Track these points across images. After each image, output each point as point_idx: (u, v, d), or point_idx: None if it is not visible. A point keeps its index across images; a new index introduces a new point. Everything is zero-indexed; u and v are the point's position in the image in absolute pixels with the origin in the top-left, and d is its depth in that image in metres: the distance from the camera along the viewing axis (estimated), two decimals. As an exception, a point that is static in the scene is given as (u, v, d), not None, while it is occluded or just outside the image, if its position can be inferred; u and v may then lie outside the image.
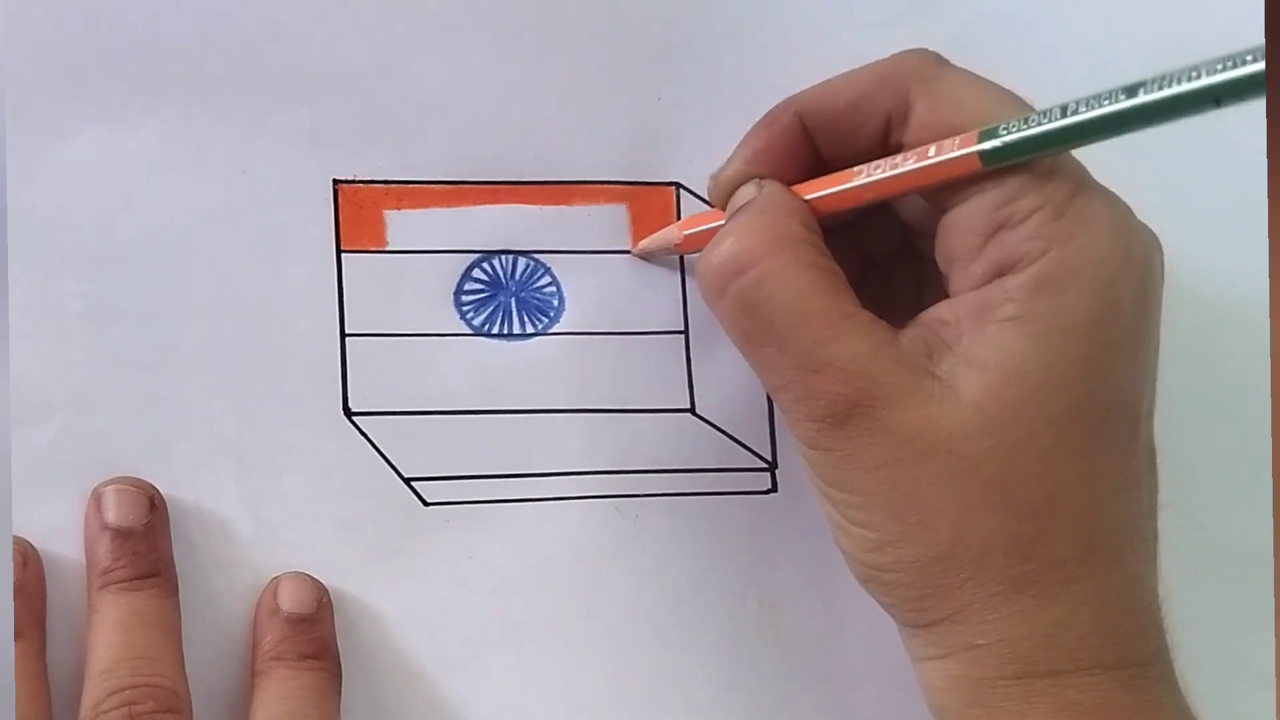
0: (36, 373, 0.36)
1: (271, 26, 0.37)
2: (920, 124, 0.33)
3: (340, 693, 0.36)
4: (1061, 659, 0.31)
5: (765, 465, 0.39)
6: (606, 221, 0.39)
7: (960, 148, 0.32)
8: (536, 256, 0.39)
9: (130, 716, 0.32)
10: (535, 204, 0.39)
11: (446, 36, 0.38)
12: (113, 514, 0.35)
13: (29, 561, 0.35)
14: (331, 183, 0.37)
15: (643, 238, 0.39)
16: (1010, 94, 0.33)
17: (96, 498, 0.35)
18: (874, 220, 0.36)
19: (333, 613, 0.36)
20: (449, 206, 0.38)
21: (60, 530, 0.35)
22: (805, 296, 0.32)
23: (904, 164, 0.33)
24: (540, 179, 0.39)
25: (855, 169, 0.34)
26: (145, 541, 0.35)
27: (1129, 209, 0.33)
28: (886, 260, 0.38)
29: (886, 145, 0.34)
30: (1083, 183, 0.32)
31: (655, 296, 0.39)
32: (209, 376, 0.37)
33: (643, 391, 0.39)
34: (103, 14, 0.37)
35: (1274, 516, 0.41)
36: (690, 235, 0.37)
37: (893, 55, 0.34)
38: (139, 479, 0.36)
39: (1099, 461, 0.32)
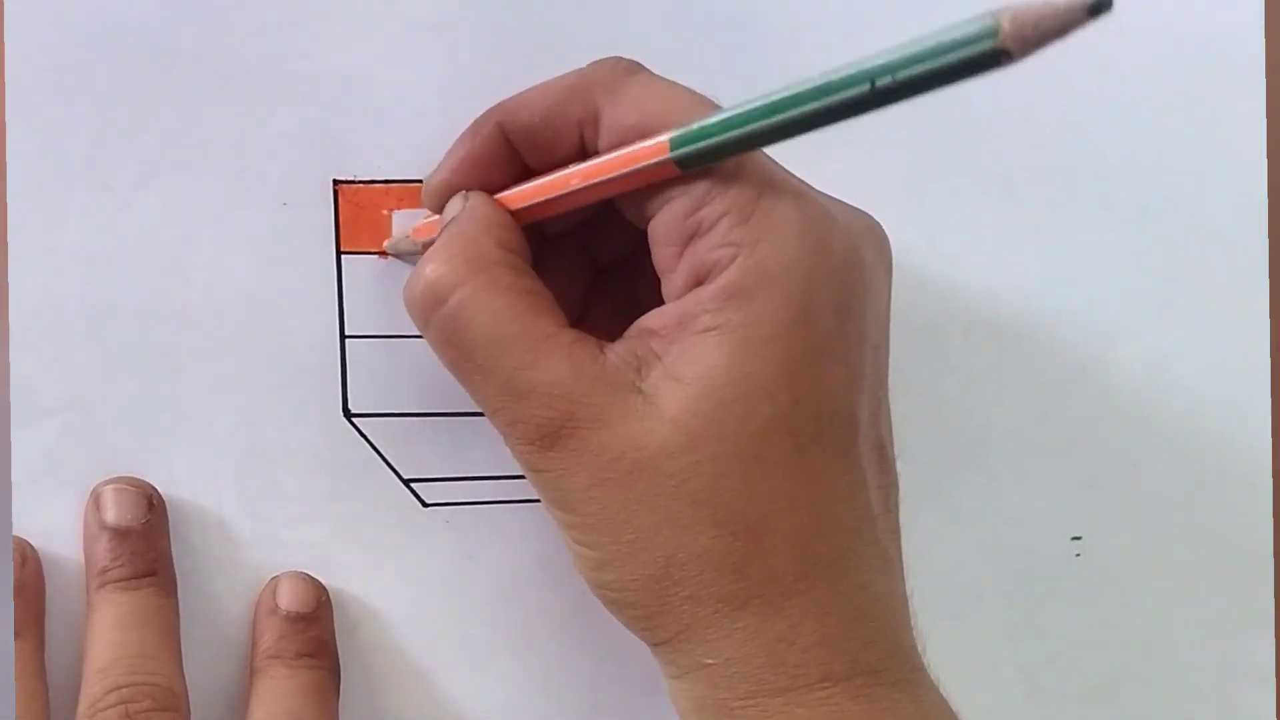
0: (36, 373, 0.36)
1: (271, 27, 0.37)
2: (608, 131, 0.32)
3: (339, 692, 0.36)
4: (789, 675, 0.30)
5: (765, 465, 0.39)
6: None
7: (651, 155, 0.31)
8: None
9: (127, 715, 0.32)
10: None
11: (447, 35, 0.38)
12: (111, 513, 0.35)
13: (28, 561, 0.35)
14: (331, 183, 0.37)
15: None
16: (702, 98, 0.32)
17: (95, 497, 0.35)
18: (606, 226, 0.35)
19: (332, 612, 0.36)
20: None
21: (59, 530, 0.36)
22: (501, 321, 0.31)
23: (599, 174, 0.32)
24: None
25: (560, 175, 0.33)
26: (144, 541, 0.35)
27: (830, 203, 0.32)
28: (623, 265, 0.36)
29: (585, 155, 0.33)
30: (770, 183, 0.31)
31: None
32: (209, 377, 0.37)
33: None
34: (103, 14, 0.37)
35: (1274, 516, 0.41)
36: (423, 238, 0.36)
37: (586, 65, 0.33)
38: (137, 479, 0.36)
39: (812, 471, 0.31)
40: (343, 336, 0.37)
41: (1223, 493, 0.41)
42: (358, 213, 0.38)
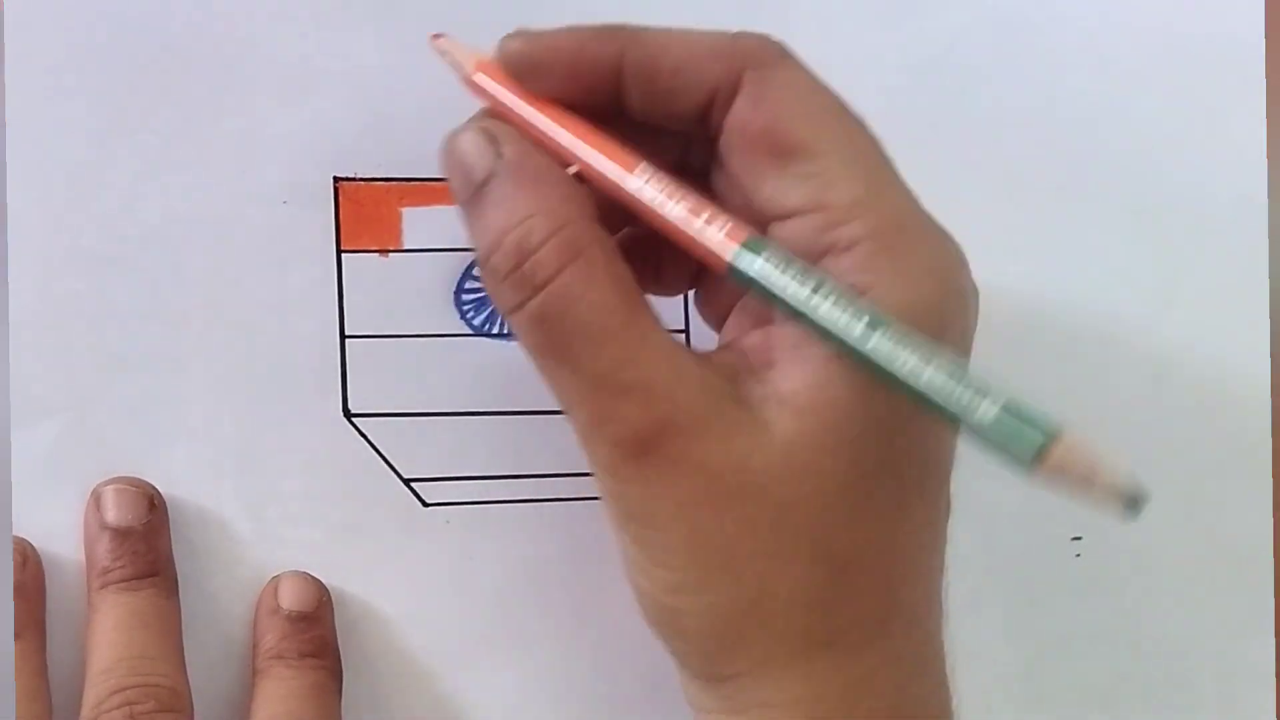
0: (36, 373, 0.36)
1: (271, 25, 0.37)
2: (735, 121, 0.30)
3: (341, 691, 0.36)
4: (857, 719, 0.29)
5: (765, 465, 0.39)
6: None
7: (720, 245, 0.29)
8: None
9: (131, 716, 0.32)
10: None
11: (447, 32, 0.38)
12: (112, 514, 0.35)
13: (28, 561, 0.35)
14: (332, 181, 0.37)
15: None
16: (840, 108, 0.30)
17: (96, 497, 0.35)
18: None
19: (333, 611, 0.36)
20: (450, 204, 0.38)
21: (60, 530, 0.36)
22: (603, 312, 0.29)
23: (671, 210, 0.29)
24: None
25: (635, 163, 0.30)
26: (145, 541, 0.35)
27: (957, 251, 0.31)
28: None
29: (705, 122, 0.31)
30: (911, 212, 0.30)
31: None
32: (209, 376, 0.37)
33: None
34: (103, 14, 0.36)
35: (1274, 516, 0.41)
36: (481, 89, 0.32)
37: (734, 32, 0.31)
38: (138, 479, 0.36)
39: (909, 519, 0.30)
40: (343, 336, 0.37)
41: (1223, 493, 0.41)
42: (358, 211, 0.38)
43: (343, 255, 0.37)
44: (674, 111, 0.31)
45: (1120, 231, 0.41)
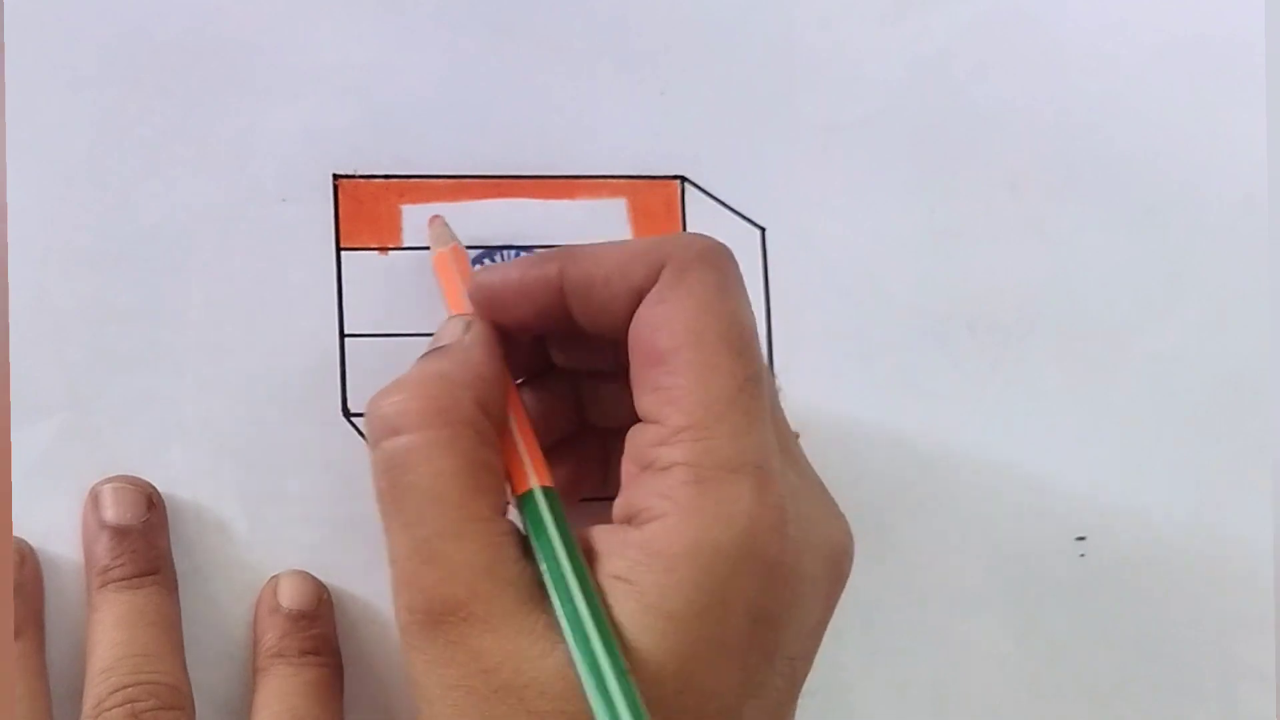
0: (36, 373, 0.36)
1: (270, 22, 0.37)
2: (638, 316, 0.31)
3: (342, 689, 0.36)
4: None
5: (767, 464, 0.39)
6: (607, 216, 0.39)
7: (528, 475, 0.31)
8: (538, 252, 0.38)
9: (133, 714, 0.32)
10: (538, 198, 0.39)
11: (447, 31, 0.38)
12: (111, 512, 0.35)
13: (27, 560, 0.35)
14: (331, 178, 0.37)
15: (644, 232, 0.39)
16: (721, 327, 0.30)
17: (94, 496, 0.35)
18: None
19: (333, 610, 0.36)
20: (450, 202, 0.38)
21: (59, 529, 0.35)
22: (442, 482, 0.29)
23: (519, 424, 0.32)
24: (543, 174, 0.39)
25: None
26: (143, 539, 0.35)
27: (799, 498, 0.30)
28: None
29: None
30: (745, 449, 0.29)
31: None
32: (208, 376, 0.37)
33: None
34: (103, 13, 0.36)
35: (1276, 516, 0.41)
36: (438, 264, 0.36)
37: (663, 236, 0.33)
38: (136, 477, 0.36)
39: None
40: (342, 335, 0.37)
41: (1226, 492, 0.41)
42: (358, 208, 0.37)
43: (342, 253, 0.37)
44: (609, 321, 0.32)
45: (1123, 230, 0.41)
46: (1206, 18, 0.42)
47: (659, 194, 0.39)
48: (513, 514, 0.31)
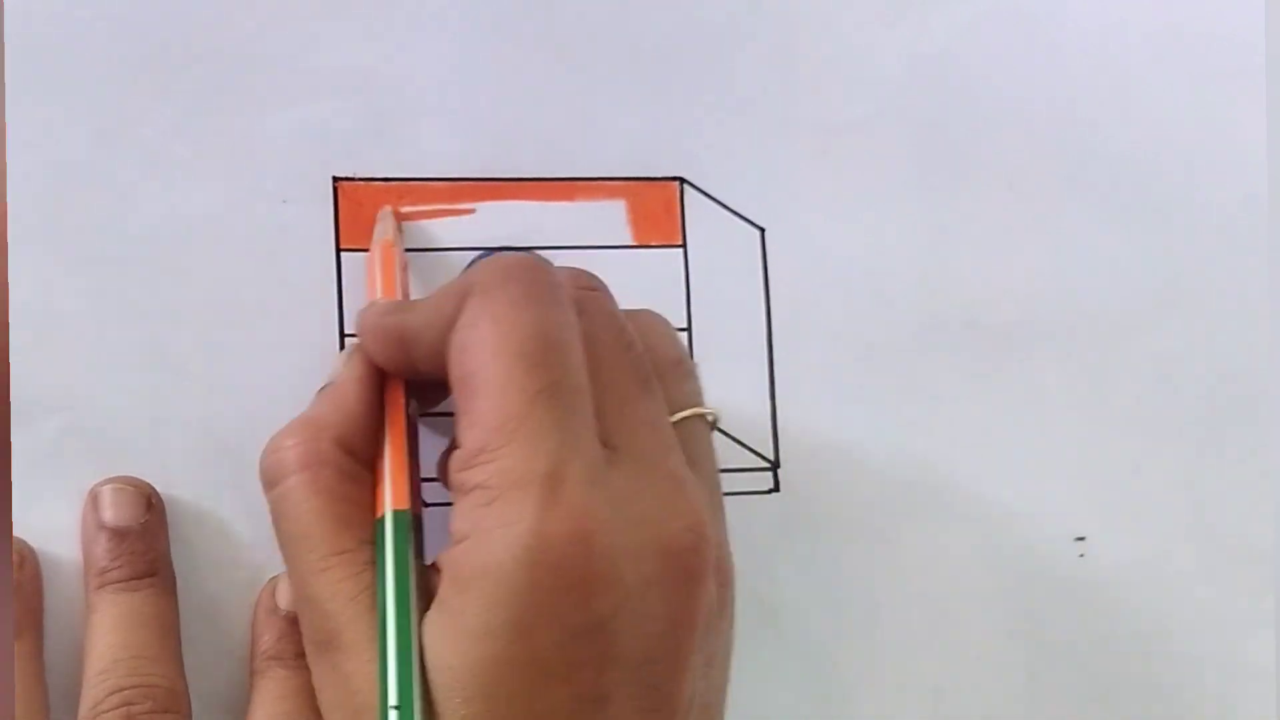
0: (36, 372, 0.36)
1: (271, 24, 0.37)
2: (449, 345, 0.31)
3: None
4: None
5: (767, 465, 0.39)
6: (607, 218, 0.39)
7: (391, 497, 0.32)
8: (538, 253, 0.39)
9: (128, 717, 0.32)
10: (537, 200, 0.38)
11: (447, 33, 0.38)
12: (109, 513, 0.35)
13: (26, 561, 0.35)
14: (331, 180, 0.37)
15: (643, 233, 0.39)
16: (521, 343, 0.30)
17: (93, 497, 0.35)
18: None
19: (332, 612, 0.36)
20: (450, 204, 0.38)
21: (59, 530, 0.35)
22: (306, 521, 0.31)
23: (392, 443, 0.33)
24: (542, 175, 0.39)
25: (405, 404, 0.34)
26: (142, 541, 0.35)
27: (617, 499, 0.30)
28: None
29: None
30: (535, 466, 0.29)
31: (657, 294, 0.39)
32: (208, 376, 0.37)
33: (644, 390, 0.39)
34: (103, 13, 0.36)
35: (1277, 516, 0.41)
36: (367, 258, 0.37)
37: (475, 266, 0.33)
38: (135, 478, 0.36)
39: None
40: (343, 335, 0.37)
41: (1227, 492, 0.41)
42: (358, 210, 0.37)
43: (342, 255, 0.37)
44: (442, 363, 0.32)
45: (1123, 229, 0.41)
46: (1206, 17, 0.42)
47: (658, 195, 0.39)
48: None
